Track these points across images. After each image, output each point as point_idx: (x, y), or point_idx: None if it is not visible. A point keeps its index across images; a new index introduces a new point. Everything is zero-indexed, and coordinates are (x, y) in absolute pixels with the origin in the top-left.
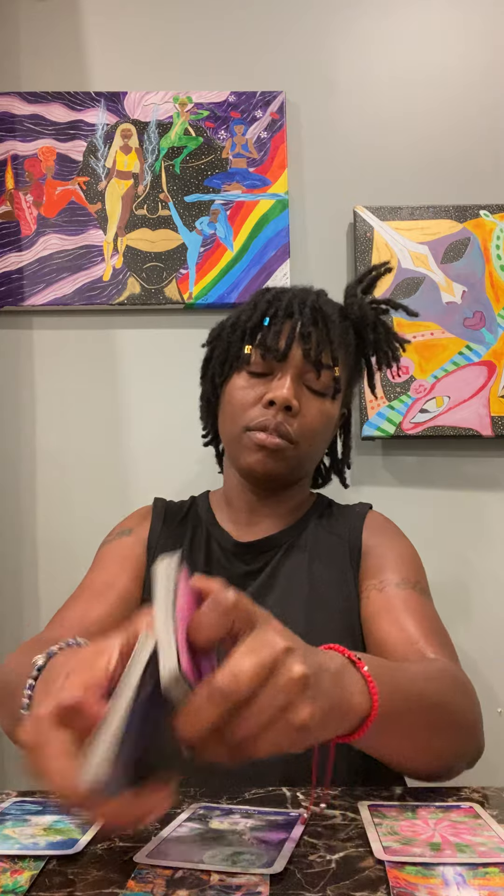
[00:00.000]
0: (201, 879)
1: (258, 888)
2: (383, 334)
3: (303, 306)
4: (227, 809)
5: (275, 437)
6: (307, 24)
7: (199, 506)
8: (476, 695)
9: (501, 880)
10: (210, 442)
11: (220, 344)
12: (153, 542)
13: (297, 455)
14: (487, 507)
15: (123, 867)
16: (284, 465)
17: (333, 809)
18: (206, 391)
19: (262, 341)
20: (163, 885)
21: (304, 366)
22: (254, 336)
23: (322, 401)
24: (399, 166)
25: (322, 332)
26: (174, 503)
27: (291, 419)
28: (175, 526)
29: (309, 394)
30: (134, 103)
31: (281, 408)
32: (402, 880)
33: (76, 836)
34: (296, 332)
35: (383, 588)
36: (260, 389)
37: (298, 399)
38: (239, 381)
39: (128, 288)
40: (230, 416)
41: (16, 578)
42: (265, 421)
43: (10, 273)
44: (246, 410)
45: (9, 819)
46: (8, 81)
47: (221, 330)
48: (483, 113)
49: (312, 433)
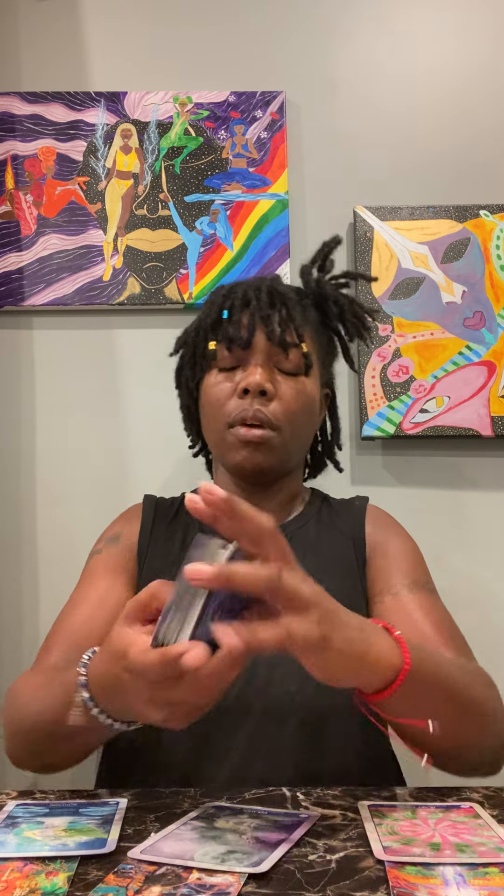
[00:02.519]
0: (180, 877)
1: (229, 889)
2: (346, 305)
3: (258, 292)
4: (237, 809)
5: (257, 430)
6: (307, 24)
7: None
8: (498, 690)
9: (501, 880)
10: (198, 452)
11: (186, 349)
12: (143, 544)
13: (282, 442)
14: (487, 506)
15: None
16: (272, 456)
17: (333, 809)
18: (183, 399)
19: (224, 334)
20: (140, 881)
21: (271, 348)
22: (216, 332)
23: (296, 380)
24: (399, 166)
25: (281, 311)
26: (165, 500)
27: (268, 403)
28: (166, 525)
29: (282, 376)
30: (134, 103)
31: (255, 394)
32: (402, 880)
33: (102, 836)
34: (256, 318)
35: (398, 593)
36: (233, 382)
37: (272, 382)
38: (211, 380)
39: (128, 288)
40: (210, 416)
41: (16, 578)
42: (243, 411)
43: (10, 273)
44: (223, 405)
45: (20, 822)
46: (8, 81)
47: (186, 335)
48: (483, 112)
49: (293, 414)
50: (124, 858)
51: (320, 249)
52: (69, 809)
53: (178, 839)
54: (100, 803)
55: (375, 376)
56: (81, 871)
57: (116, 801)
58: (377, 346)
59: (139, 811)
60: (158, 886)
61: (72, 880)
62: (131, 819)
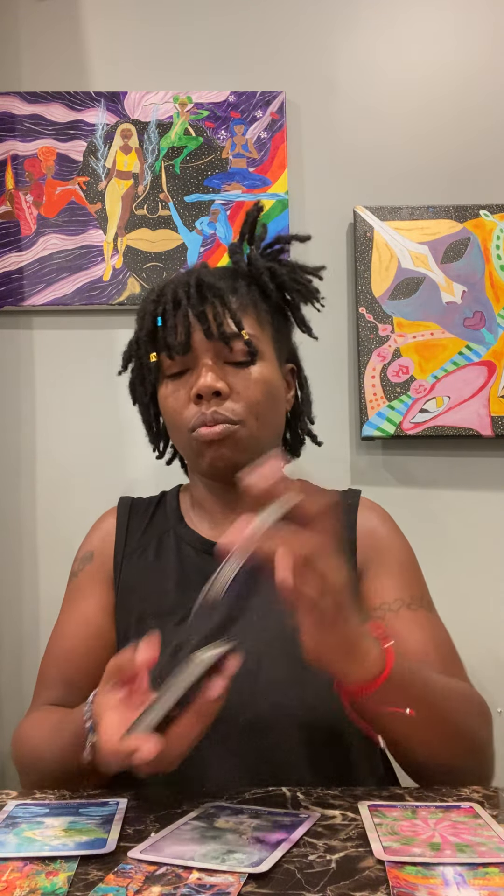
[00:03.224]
0: (180, 877)
1: (229, 889)
2: (284, 274)
3: (187, 289)
4: (237, 809)
5: (216, 427)
6: (307, 24)
7: (167, 505)
8: (491, 719)
9: (501, 880)
10: (171, 459)
11: (133, 363)
12: (118, 560)
13: (249, 434)
14: (487, 506)
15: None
16: (241, 450)
17: (333, 809)
18: (142, 414)
19: (162, 343)
20: (140, 881)
21: (214, 345)
22: (154, 342)
23: (248, 370)
24: (399, 166)
25: (215, 304)
26: (141, 501)
27: (224, 402)
28: (141, 533)
29: (233, 368)
30: (134, 103)
31: (209, 396)
32: (402, 880)
33: (102, 836)
34: (190, 318)
35: (398, 610)
36: (185, 389)
37: (225, 380)
38: (164, 391)
39: (128, 288)
40: (173, 428)
41: (16, 578)
42: (201, 416)
43: (10, 273)
44: (181, 414)
45: (21, 822)
46: (8, 81)
47: (130, 349)
48: (483, 112)
49: (254, 405)
50: (124, 858)
51: (244, 221)
52: (69, 809)
53: (178, 839)
54: (100, 803)
55: (375, 376)
56: (81, 871)
57: (116, 801)
58: (377, 346)
59: (139, 811)
60: (158, 886)
61: (72, 880)
62: (131, 819)
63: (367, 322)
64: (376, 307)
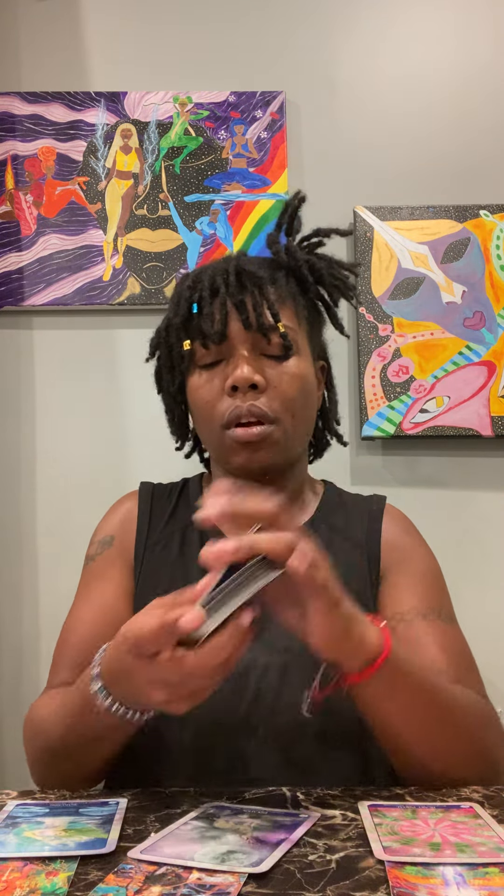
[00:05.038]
0: (180, 877)
1: (229, 889)
2: (323, 268)
3: (226, 276)
4: (237, 809)
5: (255, 427)
6: (307, 24)
7: (191, 496)
8: (501, 731)
9: (501, 880)
10: (190, 452)
11: (162, 351)
12: (139, 549)
13: (284, 434)
14: (487, 507)
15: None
16: (276, 452)
17: (333, 809)
18: (167, 404)
19: (197, 331)
20: (140, 881)
21: (251, 336)
22: (188, 329)
23: (285, 363)
24: (399, 166)
25: (254, 293)
26: (162, 488)
27: (261, 395)
28: (164, 523)
29: (270, 361)
30: (134, 103)
31: (245, 389)
32: (402, 880)
33: (102, 836)
34: (228, 306)
35: (412, 620)
36: (219, 380)
37: (261, 372)
38: (195, 381)
39: (128, 288)
40: (202, 421)
41: (16, 578)
42: (237, 410)
43: (10, 273)
44: (214, 407)
45: (21, 822)
46: (8, 81)
47: (159, 336)
48: (483, 112)
49: (290, 402)
50: (124, 858)
51: (283, 210)
52: (69, 809)
53: (178, 839)
54: (100, 803)
55: (375, 376)
56: (81, 871)
57: (116, 801)
58: (377, 346)
59: (139, 811)
60: (158, 886)
61: (72, 880)
62: (131, 819)
63: (367, 322)
64: (376, 307)
